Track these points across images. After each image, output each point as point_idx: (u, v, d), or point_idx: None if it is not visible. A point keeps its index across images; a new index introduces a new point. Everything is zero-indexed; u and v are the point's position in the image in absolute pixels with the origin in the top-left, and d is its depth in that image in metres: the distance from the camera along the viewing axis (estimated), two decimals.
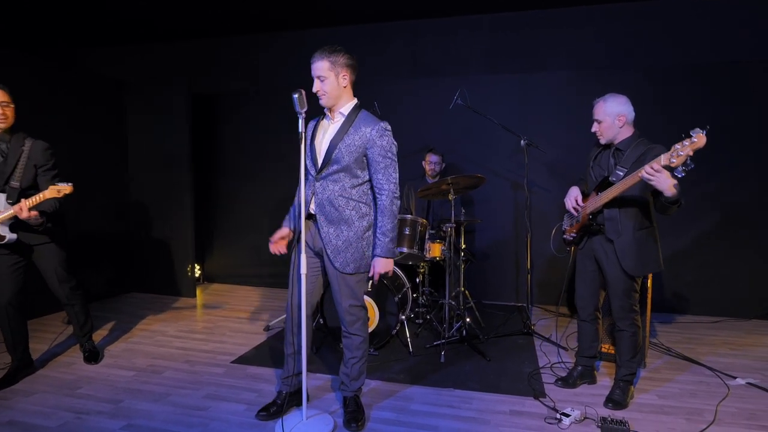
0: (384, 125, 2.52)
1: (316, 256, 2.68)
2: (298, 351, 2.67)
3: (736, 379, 3.21)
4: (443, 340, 3.74)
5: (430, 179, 4.82)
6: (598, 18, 5.09)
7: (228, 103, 6.17)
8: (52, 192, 2.87)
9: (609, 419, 2.61)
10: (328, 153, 2.51)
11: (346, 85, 2.52)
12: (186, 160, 5.43)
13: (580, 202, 2.95)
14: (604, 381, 3.20)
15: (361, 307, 2.69)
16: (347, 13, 5.45)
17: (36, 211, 2.89)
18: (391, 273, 2.62)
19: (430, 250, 4.17)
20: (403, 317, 3.85)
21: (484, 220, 5.09)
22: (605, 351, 3.51)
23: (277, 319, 4.47)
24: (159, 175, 5.55)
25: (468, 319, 4.10)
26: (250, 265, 6.15)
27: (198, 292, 5.78)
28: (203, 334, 4.24)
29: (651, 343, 3.75)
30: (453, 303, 4.15)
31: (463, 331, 3.94)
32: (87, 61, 6.64)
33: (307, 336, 2.63)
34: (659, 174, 2.37)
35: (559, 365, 3.48)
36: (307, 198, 2.58)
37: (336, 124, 2.56)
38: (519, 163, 5.06)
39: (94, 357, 3.58)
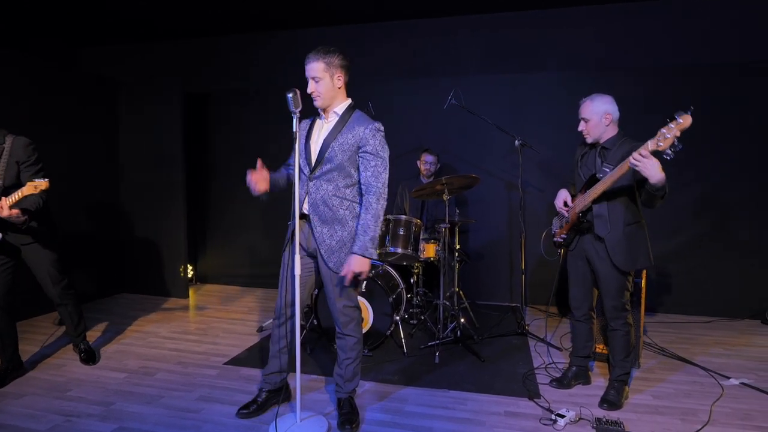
0: (377, 125, 2.52)
1: (308, 257, 2.67)
2: (288, 352, 2.73)
3: (730, 380, 3.22)
4: (438, 341, 3.73)
5: (425, 179, 4.81)
6: (594, 18, 5.10)
7: (222, 102, 6.13)
8: (30, 188, 2.76)
9: (604, 420, 2.61)
10: (322, 152, 2.50)
11: (340, 86, 2.52)
12: (179, 160, 5.38)
13: (569, 202, 2.97)
14: (599, 381, 3.20)
15: (355, 307, 2.68)
16: (343, 13, 5.43)
17: (18, 209, 2.81)
18: (365, 275, 2.48)
19: (424, 251, 4.15)
20: (398, 318, 3.84)
21: (478, 221, 5.09)
22: (599, 351, 3.51)
23: (270, 321, 4.43)
24: (152, 175, 5.50)
25: (462, 320, 4.10)
26: (244, 265, 6.12)
27: (190, 292, 5.74)
28: (196, 335, 4.20)
29: (645, 343, 3.76)
30: (447, 303, 4.15)
31: (458, 332, 3.93)
32: (80, 61, 6.58)
33: (289, 336, 2.69)
34: (646, 160, 2.39)
35: (552, 366, 3.48)
36: (301, 198, 2.56)
37: (330, 123, 2.56)
38: (513, 164, 5.05)
39: (91, 358, 3.54)
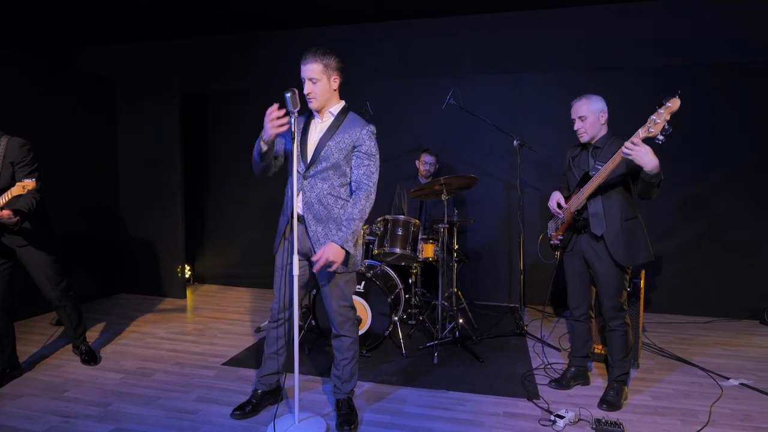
0: (372, 128, 2.58)
1: (303, 258, 2.64)
2: (285, 352, 2.75)
3: (729, 380, 3.21)
4: (436, 342, 3.71)
5: (423, 180, 4.80)
6: (594, 18, 5.09)
7: (220, 102, 6.12)
8: (18, 189, 2.71)
9: (603, 421, 2.60)
10: (318, 150, 2.50)
11: (336, 88, 2.53)
12: (177, 160, 5.37)
13: (563, 203, 2.97)
14: (598, 382, 3.20)
15: (351, 307, 2.68)
16: (342, 13, 5.42)
17: (9, 210, 2.77)
18: (336, 266, 2.41)
19: (422, 251, 4.14)
20: (396, 318, 3.83)
21: (476, 221, 5.08)
22: (597, 352, 3.50)
23: (268, 321, 4.42)
24: (150, 175, 5.49)
25: (461, 320, 4.09)
26: (241, 266, 6.10)
27: (188, 293, 5.73)
28: (194, 336, 4.19)
29: (644, 343, 3.75)
30: (446, 304, 4.13)
31: (456, 332, 3.92)
32: (78, 60, 6.56)
33: (286, 337, 2.70)
34: (638, 147, 2.40)
35: (550, 367, 3.47)
36: (294, 196, 2.55)
37: (325, 123, 2.56)
38: (511, 164, 5.05)
39: (92, 358, 3.53)
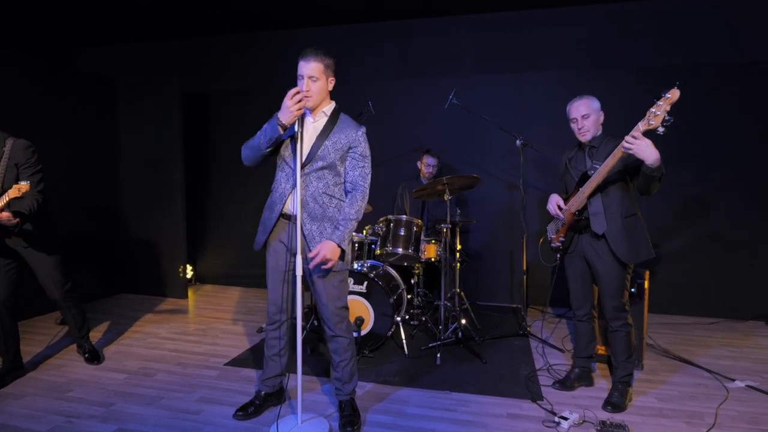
0: (365, 129, 2.60)
1: (291, 259, 2.59)
2: (286, 354, 2.77)
3: (735, 382, 3.19)
4: (439, 342, 3.70)
5: (426, 181, 4.78)
6: (593, 18, 5.08)
7: (220, 102, 6.11)
8: (14, 191, 2.72)
9: (608, 422, 2.59)
10: (314, 149, 2.49)
11: (330, 89, 2.55)
12: (178, 160, 5.37)
13: (562, 204, 2.97)
14: (602, 383, 3.18)
15: (345, 307, 2.67)
16: (342, 13, 5.41)
17: (8, 212, 2.76)
18: (332, 264, 2.45)
19: (425, 251, 4.13)
20: (398, 319, 3.82)
21: (478, 221, 5.07)
22: (600, 353, 3.48)
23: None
24: (151, 175, 5.49)
25: (463, 321, 4.07)
26: (243, 266, 6.08)
27: (190, 293, 5.72)
28: (196, 336, 4.18)
29: (648, 344, 3.73)
30: (448, 304, 4.12)
31: (459, 333, 3.90)
32: (78, 60, 6.55)
33: (287, 337, 2.72)
34: (639, 141, 2.41)
35: (552, 368, 3.45)
36: (286, 193, 2.54)
37: (319, 123, 2.56)
38: (512, 164, 5.06)
39: (95, 357, 3.54)
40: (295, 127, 2.39)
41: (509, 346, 3.96)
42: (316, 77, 2.43)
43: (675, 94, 2.29)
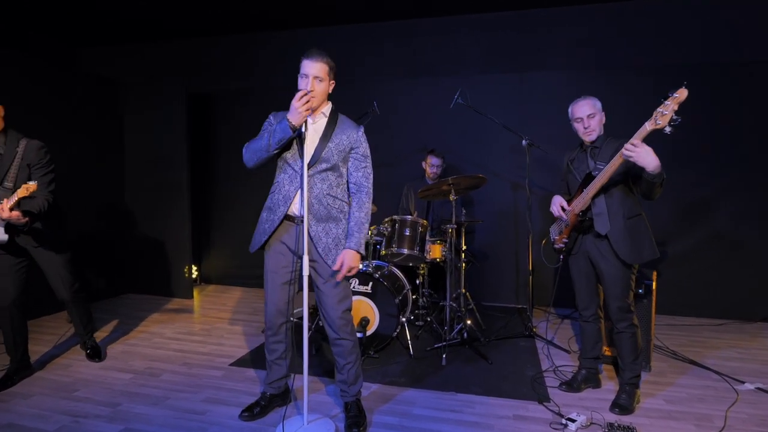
0: (363, 129, 2.62)
1: (298, 259, 2.58)
2: (288, 356, 2.77)
3: (745, 384, 3.16)
4: (444, 343, 3.69)
5: (431, 181, 4.77)
6: (596, 17, 5.05)
7: (224, 102, 6.12)
8: (23, 190, 2.75)
9: (616, 425, 2.57)
10: (318, 150, 2.48)
11: (330, 92, 2.55)
12: (183, 160, 5.38)
13: (565, 205, 2.95)
14: (609, 385, 3.16)
15: (350, 309, 2.67)
16: (345, 13, 5.41)
17: (18, 211, 2.79)
18: (355, 270, 2.51)
19: (430, 252, 4.12)
20: (404, 319, 3.80)
21: (483, 221, 5.05)
22: (607, 354, 3.46)
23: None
24: (156, 176, 5.50)
25: (468, 321, 4.06)
26: (248, 266, 6.07)
27: (195, 293, 5.72)
28: (201, 336, 4.18)
29: (655, 346, 3.70)
30: (454, 305, 4.10)
31: (464, 334, 3.89)
32: (82, 61, 6.57)
33: (288, 339, 2.73)
34: (639, 149, 2.42)
35: (558, 370, 3.43)
36: (291, 195, 2.52)
37: (318, 124, 2.55)
38: (517, 164, 5.04)
39: (97, 354, 3.58)
40: (302, 129, 2.39)
41: (515, 347, 3.94)
42: (322, 78, 2.42)
43: (683, 94, 2.28)
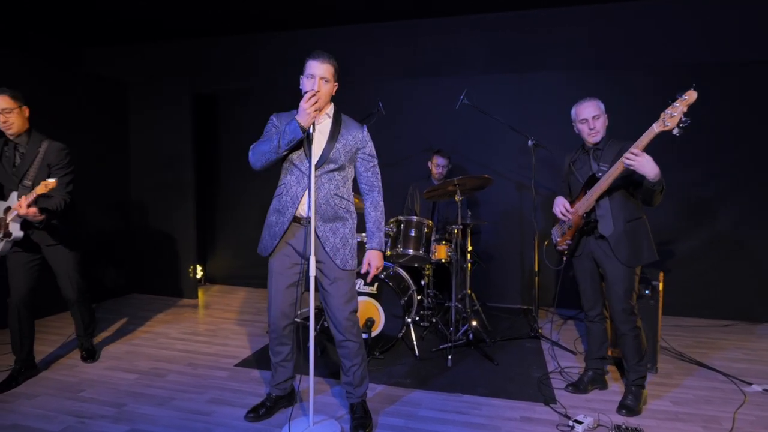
0: (366, 128, 2.63)
1: (304, 260, 2.57)
2: (293, 358, 2.77)
3: (752, 386, 3.14)
4: (450, 344, 3.67)
5: (436, 182, 4.75)
6: (600, 17, 5.03)
7: (226, 102, 6.13)
8: (41, 187, 2.81)
9: (623, 426, 2.56)
10: (325, 152, 2.48)
11: (334, 93, 2.55)
12: (188, 160, 5.38)
13: (568, 207, 2.94)
14: (615, 386, 3.14)
15: (356, 311, 2.66)
16: (346, 13, 5.40)
17: (35, 207, 2.87)
18: (379, 269, 2.65)
19: (435, 252, 4.11)
20: (409, 320, 3.79)
21: (488, 222, 5.04)
22: (610, 355, 3.43)
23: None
24: (161, 176, 5.51)
25: (474, 322, 4.05)
26: (253, 266, 6.07)
27: (200, 293, 5.73)
28: (206, 337, 4.18)
29: (661, 347, 3.68)
30: (459, 306, 4.09)
31: (470, 335, 3.88)
32: (87, 61, 6.58)
33: (292, 341, 2.74)
34: (639, 158, 2.44)
35: (564, 371, 3.41)
36: (299, 196, 2.50)
37: (323, 124, 2.54)
38: (521, 164, 5.03)
39: (91, 355, 3.61)
40: (310, 130, 2.39)
41: (520, 348, 3.93)
42: (327, 79, 2.42)
43: (692, 96, 2.27)
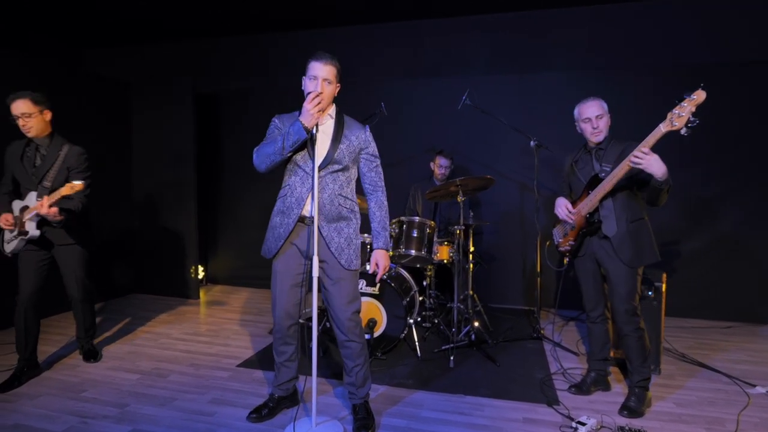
0: (369, 128, 2.63)
1: (307, 261, 2.57)
2: (296, 358, 2.78)
3: (756, 388, 3.12)
4: (452, 345, 3.67)
5: (438, 182, 4.75)
6: (600, 18, 5.02)
7: (230, 102, 6.13)
8: (67, 188, 2.92)
9: (627, 428, 2.55)
10: (330, 153, 2.48)
11: (336, 93, 2.55)
12: (190, 161, 5.39)
13: (571, 208, 2.93)
14: (618, 388, 3.14)
15: (359, 311, 2.66)
16: (350, 13, 5.39)
17: (56, 207, 2.95)
18: (388, 268, 2.66)
19: (438, 253, 4.10)
20: (411, 321, 3.79)
21: (490, 223, 5.03)
22: (612, 356, 3.42)
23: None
24: (163, 176, 5.51)
25: (476, 323, 4.04)
26: (254, 266, 6.07)
27: (201, 293, 5.73)
28: (208, 337, 4.18)
29: (664, 348, 3.67)
30: (461, 306, 4.09)
31: (472, 336, 3.87)
32: (87, 62, 6.58)
33: (297, 341, 2.74)
34: (648, 156, 2.41)
35: (567, 373, 3.41)
36: (304, 197, 2.50)
37: (327, 125, 2.55)
38: (524, 164, 5.02)
39: (92, 355, 3.61)
40: (314, 131, 2.39)
41: (523, 349, 3.92)
42: (330, 80, 2.42)
43: (701, 96, 2.25)
